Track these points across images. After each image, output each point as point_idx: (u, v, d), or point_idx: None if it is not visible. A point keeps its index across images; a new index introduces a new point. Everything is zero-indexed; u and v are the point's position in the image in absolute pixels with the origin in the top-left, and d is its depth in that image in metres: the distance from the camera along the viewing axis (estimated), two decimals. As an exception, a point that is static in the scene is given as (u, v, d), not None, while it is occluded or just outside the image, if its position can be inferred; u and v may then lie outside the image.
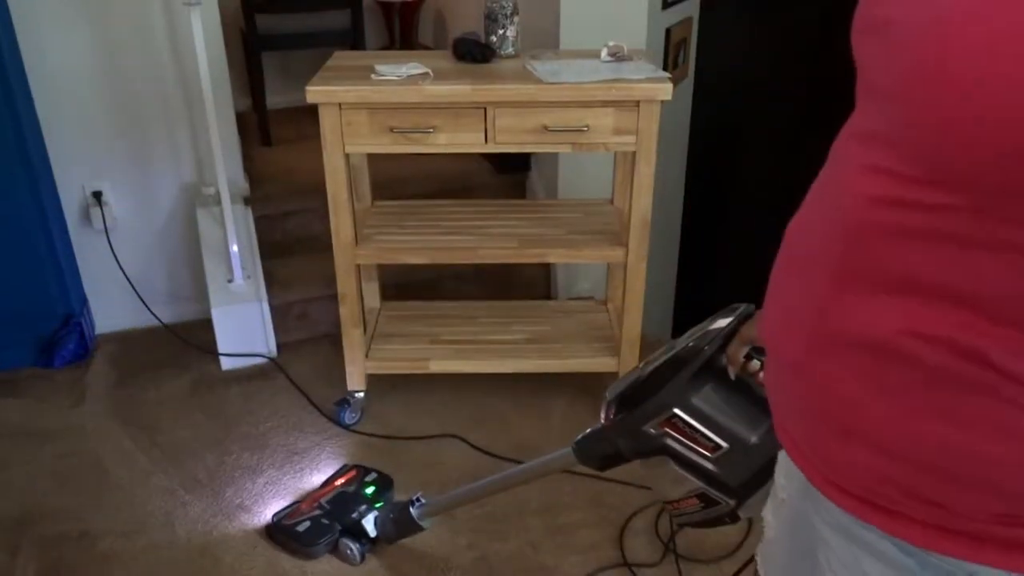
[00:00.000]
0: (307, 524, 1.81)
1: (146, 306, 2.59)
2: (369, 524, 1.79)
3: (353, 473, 1.95)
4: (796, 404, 0.72)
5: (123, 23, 2.33)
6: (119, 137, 2.45)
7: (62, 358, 2.45)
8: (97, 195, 2.46)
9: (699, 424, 0.99)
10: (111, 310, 2.61)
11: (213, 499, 1.97)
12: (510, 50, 2.05)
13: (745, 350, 0.96)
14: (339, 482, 1.93)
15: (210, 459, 2.10)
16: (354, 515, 1.81)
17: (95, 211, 2.47)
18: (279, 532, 1.82)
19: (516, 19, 2.03)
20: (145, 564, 1.79)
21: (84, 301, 2.57)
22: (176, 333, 2.60)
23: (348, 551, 1.77)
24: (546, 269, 2.80)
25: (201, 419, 2.26)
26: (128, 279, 2.56)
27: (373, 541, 1.80)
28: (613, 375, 2.21)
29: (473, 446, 2.14)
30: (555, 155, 2.58)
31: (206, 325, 2.48)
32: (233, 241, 2.44)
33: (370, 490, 1.89)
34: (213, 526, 1.89)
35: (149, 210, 2.57)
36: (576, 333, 2.31)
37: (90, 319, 2.59)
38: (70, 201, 2.47)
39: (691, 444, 1.00)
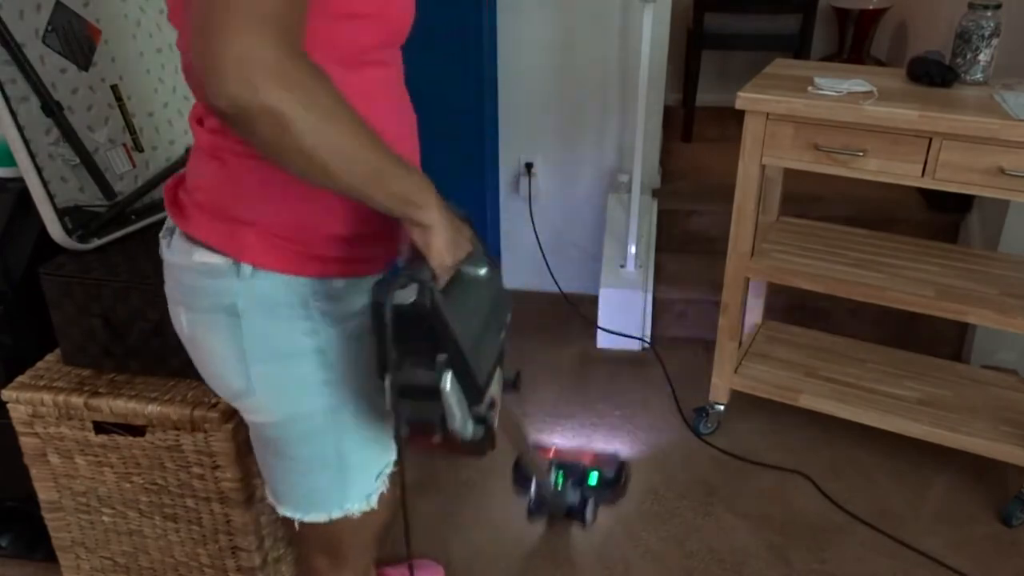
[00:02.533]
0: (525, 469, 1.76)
1: (549, 271, 2.82)
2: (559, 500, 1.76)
3: (609, 462, 1.82)
4: None
5: (584, 13, 2.53)
6: (557, 115, 2.68)
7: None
8: (528, 166, 2.73)
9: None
10: (518, 269, 2.89)
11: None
12: (978, 76, 1.80)
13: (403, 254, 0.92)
14: (588, 458, 1.82)
15: (558, 424, 2.24)
16: (559, 488, 1.76)
17: (524, 180, 2.75)
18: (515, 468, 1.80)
19: (995, 41, 1.77)
20: (490, 508, 1.98)
21: (498, 257, 2.88)
22: (568, 301, 2.79)
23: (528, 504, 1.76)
24: (962, 328, 2.45)
25: (566, 385, 2.41)
26: (540, 244, 2.81)
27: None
28: (1018, 470, 1.87)
29: (824, 494, 1.98)
30: (1005, 202, 2.23)
31: (593, 301, 2.63)
32: (633, 230, 2.54)
33: (593, 480, 1.79)
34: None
35: (569, 186, 2.78)
36: (982, 408, 1.99)
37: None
38: (507, 166, 2.77)
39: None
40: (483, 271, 0.98)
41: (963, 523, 1.90)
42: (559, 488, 1.78)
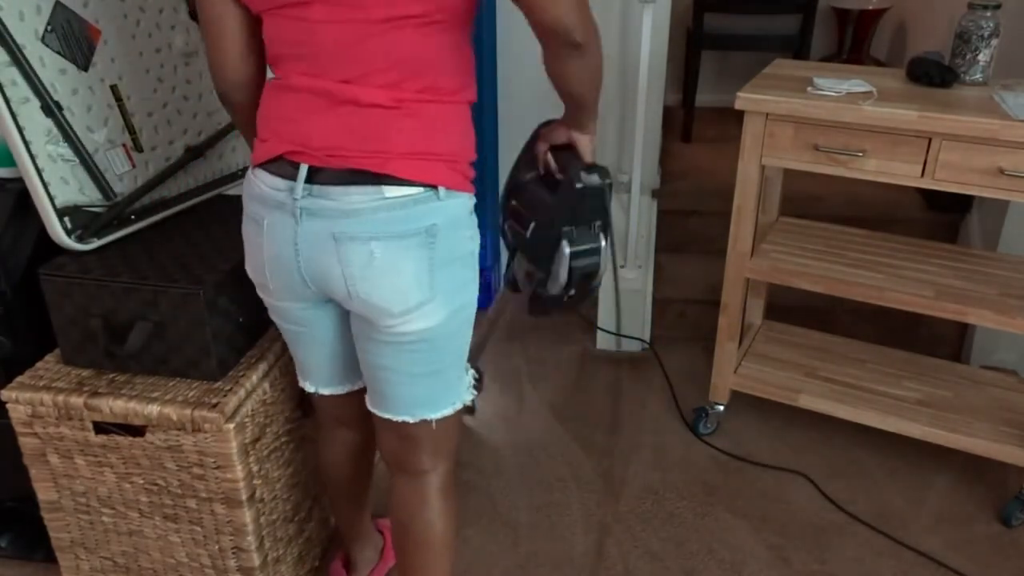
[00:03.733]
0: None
1: (545, 272, 2.82)
2: None
3: None
4: None
5: (583, 14, 2.52)
6: (557, 115, 2.66)
7: (469, 302, 2.79)
8: (528, 166, 2.73)
9: (519, 205, 1.37)
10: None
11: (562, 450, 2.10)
12: (978, 76, 1.80)
13: (544, 147, 1.37)
14: None
15: (557, 423, 2.24)
16: None
17: (523, 179, 2.75)
18: None
19: (994, 42, 1.77)
20: (490, 508, 1.98)
21: (497, 258, 2.88)
22: (565, 303, 2.79)
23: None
24: (962, 328, 2.45)
25: (566, 385, 2.42)
26: (536, 245, 2.81)
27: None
28: (1018, 470, 1.87)
29: (824, 494, 1.98)
30: (1005, 202, 2.23)
31: (592, 301, 2.63)
32: (633, 230, 2.54)
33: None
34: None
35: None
36: (982, 408, 1.99)
37: (499, 275, 2.90)
38: (507, 166, 2.76)
39: (518, 226, 1.35)
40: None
41: (963, 523, 1.90)
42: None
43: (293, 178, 1.12)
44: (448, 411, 1.30)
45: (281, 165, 1.14)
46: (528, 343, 2.62)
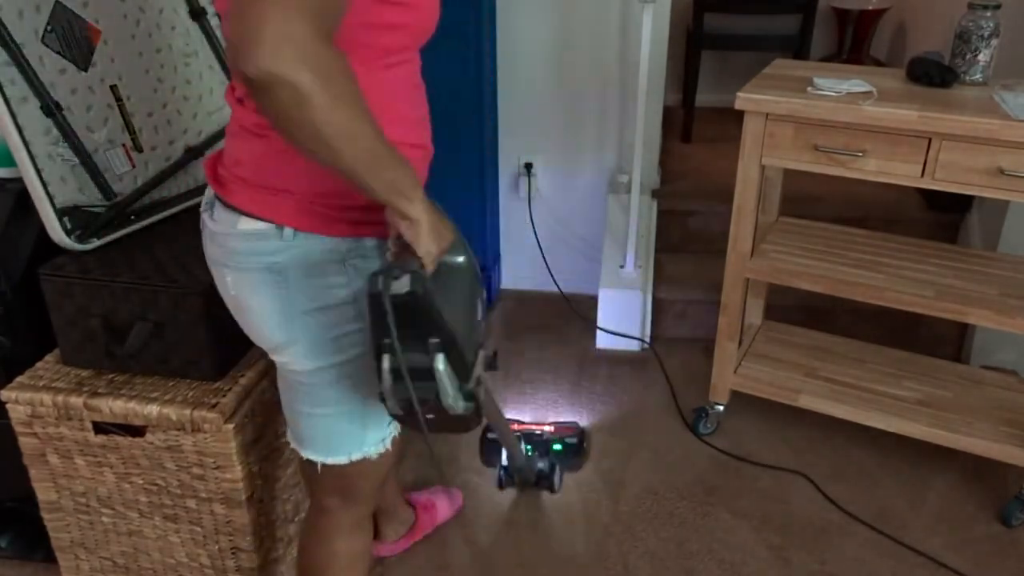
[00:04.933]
0: (493, 437, 1.99)
1: (549, 271, 2.82)
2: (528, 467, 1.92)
3: (570, 431, 2.04)
4: None
5: (584, 14, 2.53)
6: (556, 115, 2.68)
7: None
8: (528, 166, 2.73)
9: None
10: (518, 270, 2.89)
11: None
12: (978, 76, 1.80)
13: (392, 234, 1.01)
14: (550, 428, 2.04)
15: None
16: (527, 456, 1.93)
17: (523, 180, 2.75)
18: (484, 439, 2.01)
19: (994, 42, 1.77)
20: (490, 508, 1.98)
21: (497, 257, 2.88)
22: (567, 302, 2.79)
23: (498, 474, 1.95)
24: (962, 328, 2.45)
25: (566, 385, 2.41)
26: (539, 244, 2.81)
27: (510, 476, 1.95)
28: (1018, 470, 1.87)
29: (824, 494, 1.98)
30: (1005, 202, 2.23)
31: (592, 301, 2.63)
32: (633, 230, 2.54)
33: (558, 447, 2.00)
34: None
35: (568, 187, 2.78)
36: (982, 408, 1.99)
37: (499, 274, 2.90)
38: (507, 166, 2.77)
39: None
40: (461, 258, 1.07)
41: (963, 524, 1.90)
42: (528, 458, 1.93)
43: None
44: (340, 459, 1.19)
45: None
46: (527, 344, 2.62)
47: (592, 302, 2.63)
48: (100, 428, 1.41)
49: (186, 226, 1.56)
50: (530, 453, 1.97)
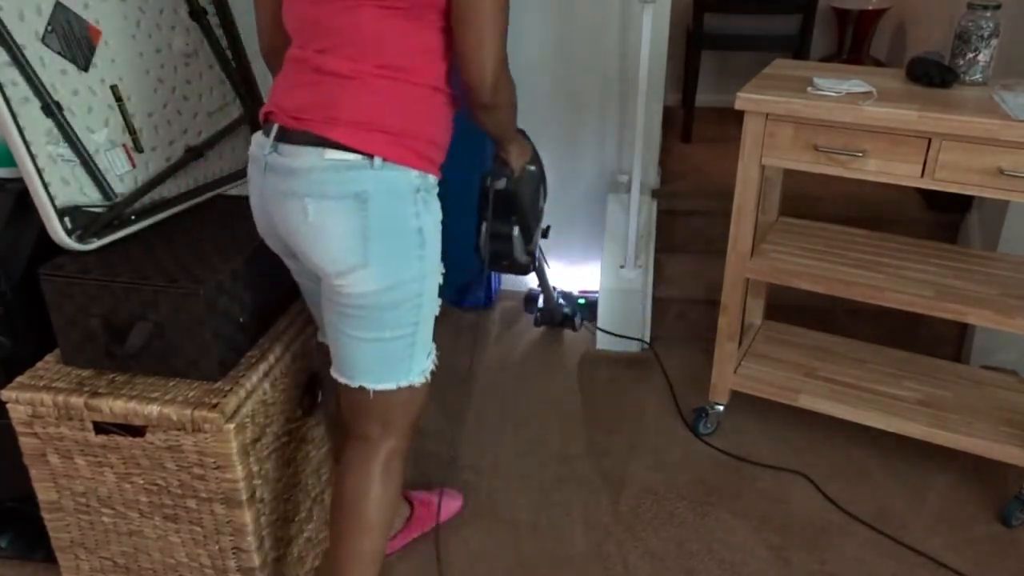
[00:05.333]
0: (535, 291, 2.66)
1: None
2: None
3: (591, 293, 2.69)
4: None
5: (584, 14, 2.53)
6: (556, 115, 2.68)
7: (468, 301, 2.79)
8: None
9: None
10: (516, 269, 2.89)
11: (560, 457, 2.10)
12: (978, 76, 1.80)
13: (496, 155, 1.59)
14: (578, 291, 2.73)
15: (557, 423, 2.24)
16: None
17: (523, 180, 2.75)
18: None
19: (994, 42, 1.78)
20: (489, 508, 1.98)
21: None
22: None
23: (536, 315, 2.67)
24: (962, 328, 2.45)
25: (566, 386, 2.41)
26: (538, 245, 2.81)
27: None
28: (1018, 470, 1.87)
29: (824, 494, 1.98)
30: (1005, 202, 2.23)
31: (592, 302, 2.63)
32: (633, 230, 2.54)
33: (581, 301, 2.69)
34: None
35: (569, 186, 2.78)
36: (982, 408, 1.99)
37: (499, 275, 2.90)
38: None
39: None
40: (533, 167, 1.64)
41: (963, 524, 1.90)
42: (559, 303, 2.60)
43: (267, 135, 1.25)
44: (390, 385, 1.33)
45: (266, 125, 1.27)
46: (527, 344, 2.62)
47: (594, 302, 2.63)
48: (100, 428, 1.41)
49: (186, 226, 1.56)
50: (561, 300, 2.61)
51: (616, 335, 2.58)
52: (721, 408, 2.18)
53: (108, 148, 1.48)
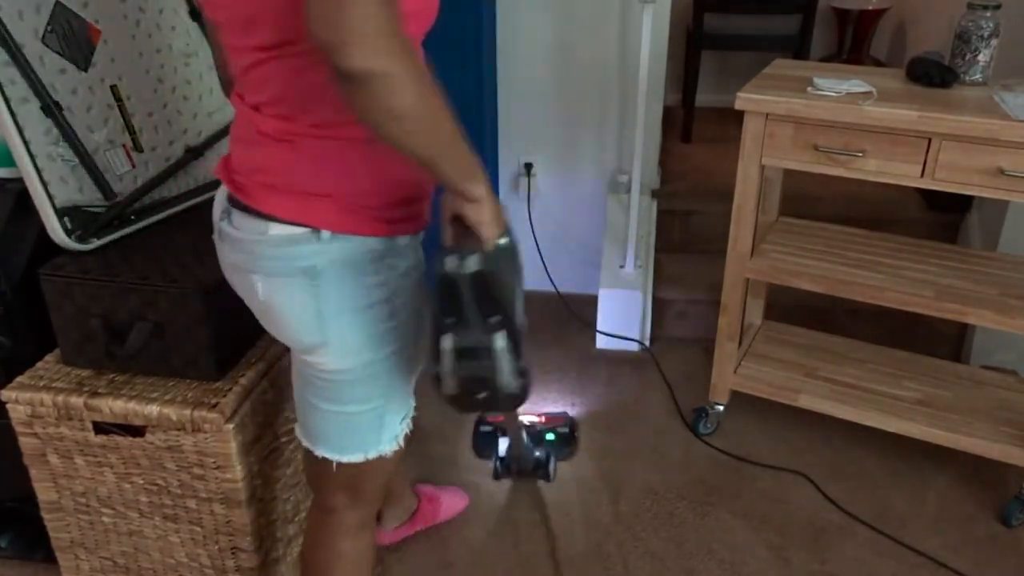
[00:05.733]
0: (487, 429, 2.00)
1: (547, 272, 2.82)
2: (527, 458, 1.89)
3: (561, 420, 2.03)
4: None
5: (584, 14, 2.53)
6: (556, 115, 2.68)
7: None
8: (528, 166, 2.73)
9: None
10: (516, 269, 2.89)
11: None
12: (978, 76, 1.80)
13: (447, 216, 1.04)
14: (541, 419, 2.04)
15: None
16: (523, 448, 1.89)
17: (523, 180, 2.75)
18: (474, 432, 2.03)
19: (994, 42, 1.78)
20: (490, 508, 1.98)
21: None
22: (565, 303, 2.79)
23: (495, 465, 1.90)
24: (962, 328, 2.45)
25: (565, 386, 2.41)
26: (538, 245, 2.81)
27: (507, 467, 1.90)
28: (1017, 470, 1.87)
29: (824, 494, 1.98)
30: (1005, 202, 2.23)
31: (591, 301, 2.63)
32: (633, 230, 2.54)
33: (551, 437, 1.99)
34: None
35: (568, 187, 2.78)
36: (982, 408, 1.99)
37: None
38: (507, 166, 2.77)
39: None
40: (507, 240, 1.06)
41: (963, 524, 1.90)
42: (528, 446, 1.91)
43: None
44: (355, 458, 1.19)
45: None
46: (527, 345, 2.62)
47: (592, 303, 2.63)
48: (100, 428, 1.41)
49: (186, 226, 1.56)
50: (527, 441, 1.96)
51: (616, 336, 2.58)
52: (721, 408, 2.18)
53: (108, 148, 1.48)
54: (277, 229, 1.03)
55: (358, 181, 1.03)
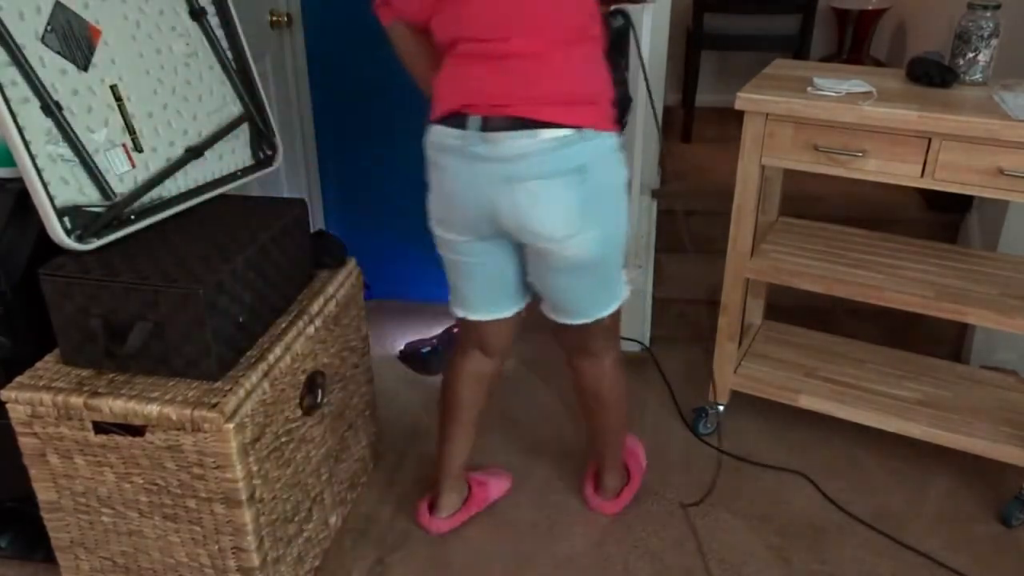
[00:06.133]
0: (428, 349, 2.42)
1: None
2: None
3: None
4: None
5: (583, 14, 2.52)
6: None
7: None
8: (528, 166, 2.73)
9: None
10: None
11: (555, 465, 2.10)
12: (978, 76, 1.80)
13: None
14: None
15: (557, 423, 2.24)
16: None
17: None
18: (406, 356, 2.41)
19: (994, 42, 1.78)
20: (489, 508, 1.98)
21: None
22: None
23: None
24: (962, 328, 2.45)
25: (565, 387, 2.41)
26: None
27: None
28: (1018, 470, 1.87)
29: (824, 494, 1.98)
30: (1005, 202, 2.23)
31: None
32: (633, 230, 2.53)
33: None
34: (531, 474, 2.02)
35: (567, 186, 2.77)
36: (982, 408, 1.99)
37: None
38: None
39: None
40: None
41: (963, 523, 1.90)
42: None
43: (464, 127, 1.35)
44: (614, 306, 1.59)
45: (456, 118, 1.36)
46: (527, 345, 2.62)
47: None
48: (100, 428, 1.41)
49: (186, 226, 1.56)
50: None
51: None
52: (721, 408, 2.18)
53: (108, 148, 1.48)
54: (547, 135, 1.31)
55: (596, 81, 1.37)
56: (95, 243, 1.44)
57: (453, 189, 1.43)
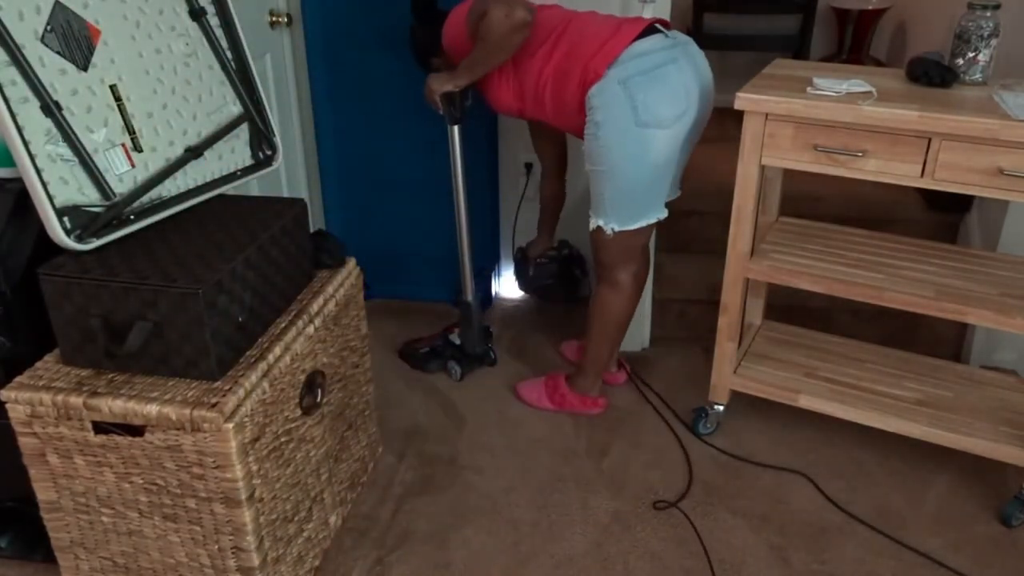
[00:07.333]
0: (427, 349, 2.48)
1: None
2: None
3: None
4: None
5: (583, 14, 2.52)
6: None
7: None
8: (528, 166, 2.73)
9: None
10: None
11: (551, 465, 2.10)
12: (977, 76, 1.80)
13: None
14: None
15: (557, 423, 2.24)
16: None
17: (522, 180, 2.75)
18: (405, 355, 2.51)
19: (994, 42, 1.77)
20: (489, 508, 1.98)
21: (498, 259, 2.88)
22: (566, 302, 2.79)
23: (452, 371, 2.43)
24: (962, 328, 2.45)
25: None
26: (536, 245, 2.80)
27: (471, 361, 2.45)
28: (1018, 470, 1.87)
29: (824, 494, 1.98)
30: (1005, 202, 2.23)
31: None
32: (633, 229, 2.53)
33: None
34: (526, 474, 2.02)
35: (568, 186, 2.76)
36: (982, 408, 1.99)
37: (498, 275, 2.90)
38: (506, 166, 2.77)
39: None
40: None
41: (963, 523, 1.90)
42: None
43: (661, 35, 1.87)
44: (651, 220, 2.03)
45: (651, 31, 1.86)
46: (527, 345, 2.62)
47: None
48: (100, 428, 1.41)
49: (186, 226, 1.56)
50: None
51: (616, 335, 2.58)
52: (721, 408, 2.18)
53: (107, 148, 1.48)
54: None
55: None
56: (94, 243, 1.44)
57: (682, 81, 1.85)
